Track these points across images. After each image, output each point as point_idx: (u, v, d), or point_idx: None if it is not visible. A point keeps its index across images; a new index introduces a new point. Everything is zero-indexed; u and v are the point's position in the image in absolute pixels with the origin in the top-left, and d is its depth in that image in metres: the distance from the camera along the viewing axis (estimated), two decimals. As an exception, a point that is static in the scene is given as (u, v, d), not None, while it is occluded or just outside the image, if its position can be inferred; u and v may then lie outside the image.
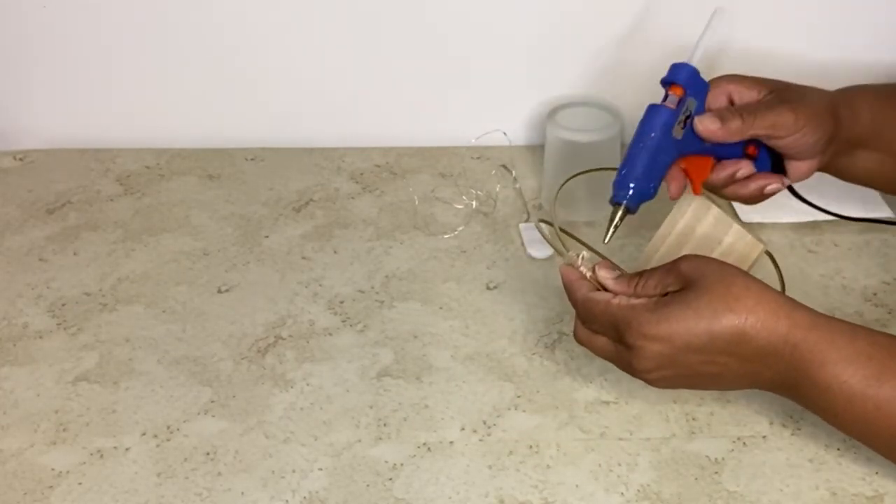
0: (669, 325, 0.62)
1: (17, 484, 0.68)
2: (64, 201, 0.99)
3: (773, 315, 0.62)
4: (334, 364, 0.79)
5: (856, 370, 0.62)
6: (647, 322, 0.63)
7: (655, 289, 0.66)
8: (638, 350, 0.64)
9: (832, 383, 0.62)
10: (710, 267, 0.64)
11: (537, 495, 0.67)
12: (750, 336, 0.62)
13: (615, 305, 0.65)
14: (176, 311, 0.84)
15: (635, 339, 0.63)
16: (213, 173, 1.03)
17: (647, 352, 0.63)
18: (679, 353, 0.63)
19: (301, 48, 1.04)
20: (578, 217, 0.94)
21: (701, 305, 0.62)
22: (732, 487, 0.68)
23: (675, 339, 0.62)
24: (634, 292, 0.66)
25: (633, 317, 0.64)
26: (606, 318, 0.66)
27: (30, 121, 1.08)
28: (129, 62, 1.04)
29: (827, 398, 0.63)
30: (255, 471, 0.69)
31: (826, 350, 0.62)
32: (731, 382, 0.66)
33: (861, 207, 0.96)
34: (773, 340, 0.62)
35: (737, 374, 0.64)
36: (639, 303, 0.65)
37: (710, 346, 0.63)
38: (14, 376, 0.78)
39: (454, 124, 1.06)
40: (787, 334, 0.62)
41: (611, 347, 0.67)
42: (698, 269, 0.64)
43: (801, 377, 0.63)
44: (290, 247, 0.92)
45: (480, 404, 0.75)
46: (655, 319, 0.63)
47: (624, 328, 0.64)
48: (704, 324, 0.62)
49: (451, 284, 0.87)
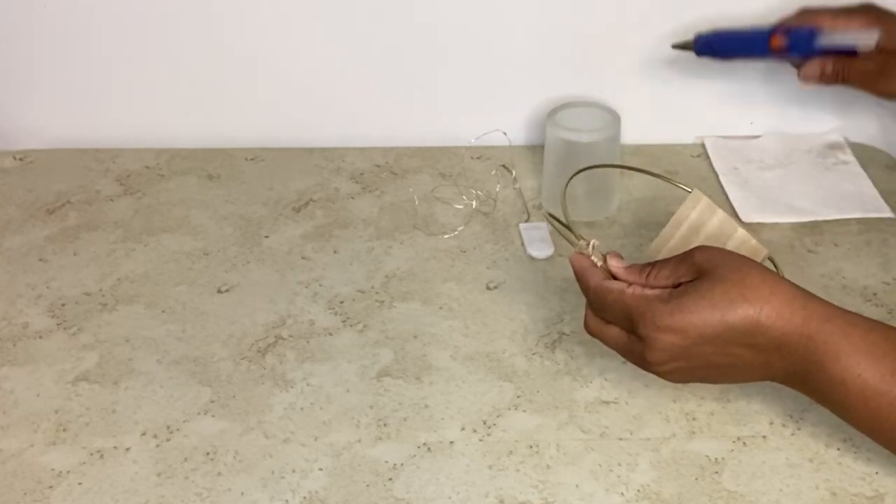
0: (684, 315, 0.62)
1: (17, 484, 0.68)
2: (64, 201, 0.99)
3: (788, 305, 0.62)
4: (334, 364, 0.79)
5: (870, 364, 0.61)
6: (662, 313, 0.62)
7: (668, 279, 0.65)
8: (651, 341, 0.63)
9: (846, 376, 0.62)
10: (724, 257, 0.64)
11: (537, 495, 0.68)
12: (765, 326, 0.61)
13: (629, 295, 0.64)
14: (176, 311, 0.84)
15: (649, 331, 0.63)
16: (213, 173, 1.03)
17: (660, 343, 0.63)
18: (693, 345, 0.62)
19: (301, 48, 1.04)
20: (578, 217, 0.94)
21: (716, 296, 0.62)
22: (732, 487, 0.68)
23: (690, 330, 0.62)
24: (646, 282, 0.65)
25: (647, 307, 0.63)
26: (619, 308, 0.65)
27: (30, 121, 1.08)
28: (129, 62, 1.04)
29: (839, 392, 0.62)
30: (255, 471, 0.69)
31: (841, 342, 0.62)
32: (744, 374, 0.65)
33: (861, 207, 0.96)
34: (788, 331, 0.62)
35: (750, 366, 0.64)
36: (653, 293, 0.64)
37: (724, 337, 0.62)
38: (14, 376, 0.78)
39: (454, 124, 1.06)
40: (803, 325, 0.62)
41: (623, 338, 0.66)
42: (712, 259, 0.64)
43: (814, 369, 0.62)
44: (290, 247, 0.92)
45: (480, 404, 0.75)
46: (669, 310, 0.62)
47: (637, 318, 0.63)
48: (719, 314, 0.61)
49: (451, 284, 0.87)
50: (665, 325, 0.62)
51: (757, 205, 0.96)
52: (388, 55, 1.04)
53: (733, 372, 0.65)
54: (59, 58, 1.04)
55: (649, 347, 0.63)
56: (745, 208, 0.96)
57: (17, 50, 1.03)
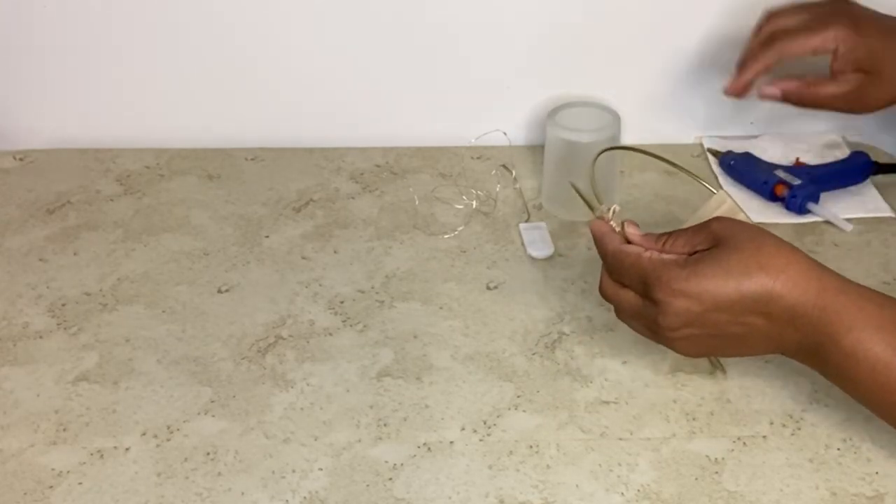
0: (699, 281, 0.62)
1: (17, 484, 0.68)
2: (64, 201, 0.99)
3: (803, 275, 0.62)
4: (334, 364, 0.79)
5: (882, 337, 0.62)
6: (677, 277, 0.63)
7: (684, 247, 0.65)
8: (665, 305, 0.63)
9: (857, 349, 0.62)
10: (741, 227, 0.65)
11: (537, 495, 0.68)
12: (780, 295, 0.62)
13: (646, 259, 0.65)
14: (176, 311, 0.84)
15: (664, 294, 0.63)
16: (213, 173, 1.03)
17: (674, 307, 0.63)
18: (707, 311, 0.63)
19: (301, 48, 1.04)
20: (578, 217, 0.94)
21: (732, 263, 0.62)
22: (732, 487, 0.68)
23: (704, 295, 0.62)
24: (662, 249, 0.66)
25: (663, 271, 0.63)
26: (636, 272, 0.65)
27: (30, 121, 1.08)
28: (129, 62, 1.04)
29: (850, 364, 0.63)
30: (255, 471, 0.69)
31: (854, 315, 0.62)
32: (756, 345, 0.66)
33: (861, 207, 0.96)
34: (803, 301, 0.62)
35: (763, 336, 0.64)
36: (670, 258, 0.64)
37: (739, 305, 0.62)
38: (14, 376, 0.78)
39: (454, 124, 1.06)
40: (817, 296, 0.62)
41: (637, 302, 0.66)
42: (729, 228, 0.64)
43: (826, 341, 0.63)
44: (290, 247, 0.92)
45: (480, 404, 0.75)
46: (685, 275, 0.63)
47: (653, 282, 0.64)
48: (735, 281, 0.62)
49: (451, 284, 0.87)
50: (680, 289, 0.62)
51: (757, 205, 0.96)
52: (389, 55, 1.04)
53: (745, 343, 0.65)
54: (59, 58, 1.04)
55: (663, 312, 0.64)
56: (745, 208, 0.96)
57: (17, 50, 1.03)
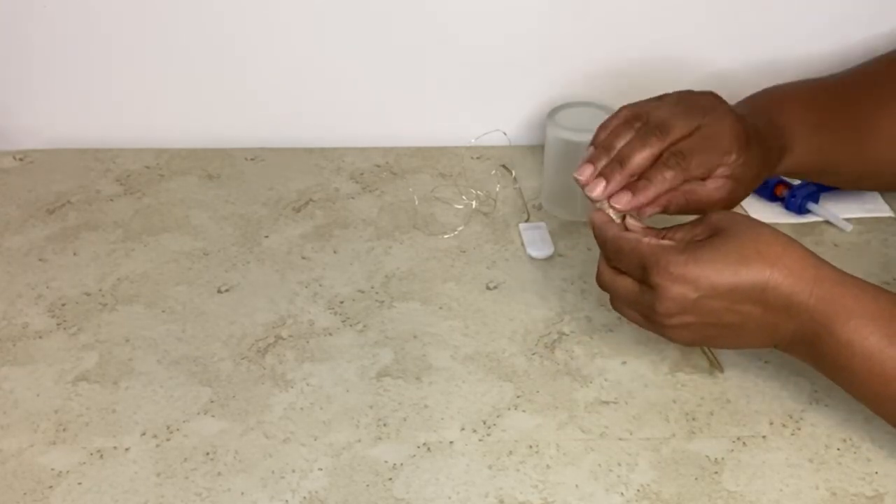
0: (697, 266, 0.63)
1: (17, 484, 0.68)
2: (64, 201, 0.99)
3: (799, 265, 0.63)
4: (334, 364, 0.79)
5: (878, 327, 0.62)
6: (675, 262, 0.63)
7: (684, 237, 0.67)
8: (662, 290, 0.64)
9: (853, 338, 0.62)
10: (740, 218, 0.66)
11: (537, 495, 0.67)
12: (776, 283, 0.62)
13: (644, 244, 0.66)
14: (176, 311, 0.84)
15: (661, 279, 0.64)
16: (213, 173, 1.03)
17: (671, 292, 0.63)
18: (703, 297, 0.63)
19: (301, 48, 1.04)
20: (578, 217, 0.94)
21: (730, 250, 0.63)
22: (732, 487, 0.68)
23: (702, 281, 0.63)
24: (662, 237, 0.67)
25: (661, 255, 0.64)
26: (635, 256, 0.66)
27: (30, 121, 1.08)
28: (129, 62, 1.04)
29: (845, 354, 0.63)
30: (254, 471, 0.69)
31: (850, 305, 0.63)
32: (752, 336, 0.66)
33: (860, 207, 0.96)
34: (798, 290, 0.63)
35: (758, 325, 0.65)
36: (668, 243, 0.65)
37: (735, 292, 0.63)
38: (14, 376, 0.78)
39: (454, 124, 1.06)
40: (813, 285, 0.63)
41: (634, 289, 0.67)
42: (728, 219, 0.66)
43: (822, 331, 0.63)
44: (290, 247, 0.92)
45: (480, 404, 0.75)
46: (684, 260, 0.63)
47: (651, 266, 0.64)
48: (732, 268, 0.62)
49: (451, 284, 0.87)
50: (678, 273, 0.63)
51: (757, 205, 0.96)
52: (389, 55, 1.04)
53: (741, 333, 0.66)
54: (59, 58, 1.04)
55: (660, 297, 0.64)
56: (745, 208, 0.96)
57: (17, 50, 1.03)
